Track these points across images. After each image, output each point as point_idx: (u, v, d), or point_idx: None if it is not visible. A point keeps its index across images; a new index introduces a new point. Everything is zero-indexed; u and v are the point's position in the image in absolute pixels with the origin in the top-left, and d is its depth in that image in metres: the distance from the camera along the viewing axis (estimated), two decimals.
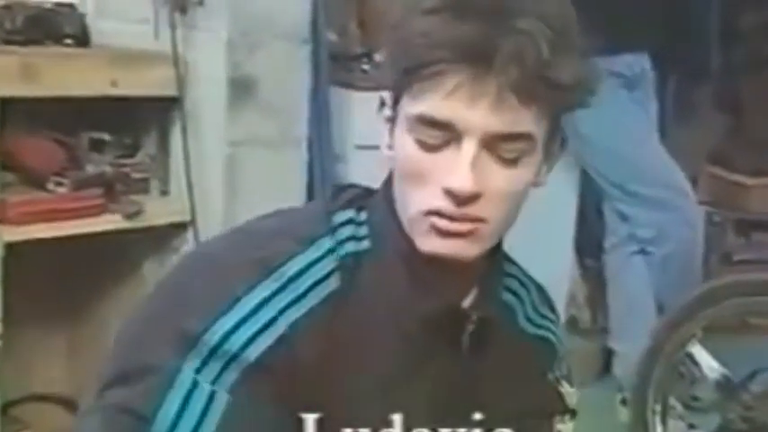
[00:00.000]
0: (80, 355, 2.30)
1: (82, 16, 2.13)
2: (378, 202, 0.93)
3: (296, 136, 2.21)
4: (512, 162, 0.85)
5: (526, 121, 0.84)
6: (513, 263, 1.02)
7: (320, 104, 2.30)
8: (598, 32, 0.90)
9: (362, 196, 0.95)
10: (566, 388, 1.04)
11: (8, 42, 1.94)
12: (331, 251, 0.89)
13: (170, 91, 2.06)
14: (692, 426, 2.29)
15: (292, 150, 2.20)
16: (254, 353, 0.84)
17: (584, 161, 2.62)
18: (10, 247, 1.82)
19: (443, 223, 0.85)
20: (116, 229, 2.00)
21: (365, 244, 0.92)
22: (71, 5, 2.13)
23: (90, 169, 2.01)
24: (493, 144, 0.84)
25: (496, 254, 0.96)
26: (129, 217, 2.01)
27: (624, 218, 2.56)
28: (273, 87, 2.13)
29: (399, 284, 0.90)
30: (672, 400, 2.28)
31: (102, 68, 1.98)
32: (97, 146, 2.06)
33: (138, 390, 0.84)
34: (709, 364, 2.19)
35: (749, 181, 3.20)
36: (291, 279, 0.86)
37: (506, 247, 0.98)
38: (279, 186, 2.17)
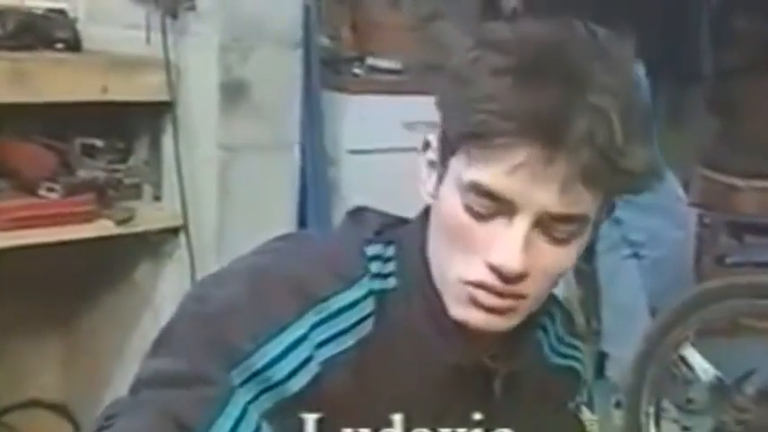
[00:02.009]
0: (73, 361, 2.30)
1: (73, 22, 2.12)
2: (409, 241, 0.89)
3: (288, 140, 2.21)
4: (563, 241, 0.82)
5: (587, 203, 0.80)
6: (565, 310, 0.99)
7: (312, 109, 2.30)
8: None
9: (390, 226, 0.91)
10: (586, 415, 1.01)
11: None
12: (371, 293, 0.86)
13: (162, 96, 2.06)
14: (686, 428, 2.30)
15: (285, 155, 2.20)
16: (295, 386, 0.81)
17: None
18: (1, 253, 1.82)
19: (484, 297, 0.82)
20: (108, 235, 1.99)
21: (391, 282, 0.88)
22: (62, 11, 2.13)
23: (82, 175, 2.00)
24: (546, 222, 0.80)
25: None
26: (121, 222, 2.00)
27: (617, 222, 2.56)
28: (265, 92, 2.13)
29: (425, 332, 0.87)
30: (665, 403, 2.28)
31: (94, 74, 1.98)
32: (89, 151, 2.06)
33: (189, 398, 0.78)
34: (702, 367, 2.19)
35: (741, 183, 3.20)
36: (332, 316, 0.83)
37: None
38: (271, 191, 2.17)
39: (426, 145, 0.87)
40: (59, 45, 2.05)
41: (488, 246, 0.80)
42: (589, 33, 0.82)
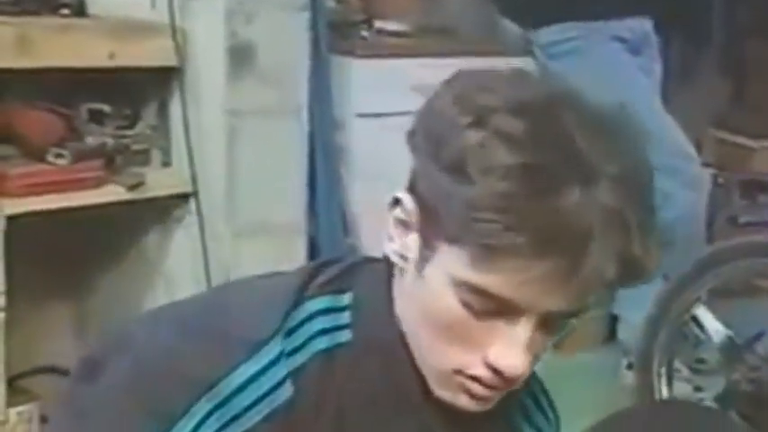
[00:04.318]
0: (85, 326, 2.31)
1: None
2: (370, 294, 0.81)
3: (296, 104, 2.19)
4: (556, 331, 0.77)
5: (588, 302, 0.75)
6: (538, 382, 0.90)
7: (320, 73, 2.28)
8: None
9: (346, 274, 0.82)
10: None
11: (3, 13, 1.92)
12: (281, 355, 0.77)
13: (168, 61, 2.05)
14: (697, 388, 2.29)
15: (293, 119, 2.19)
16: None
17: None
18: (11, 219, 1.82)
19: (479, 389, 0.76)
20: (118, 201, 1.99)
21: (345, 335, 0.80)
22: None
23: (90, 141, 2.00)
24: (548, 319, 0.74)
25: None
26: (130, 188, 2.00)
27: None
28: (272, 56, 2.11)
29: (379, 397, 0.79)
30: (677, 364, 2.28)
31: (100, 39, 1.96)
32: (96, 117, 2.05)
33: None
34: (714, 327, 2.18)
35: (754, 144, 3.18)
36: (230, 396, 0.75)
37: None
38: (280, 155, 2.16)
39: (396, 202, 0.78)
40: (64, 10, 2.03)
41: (488, 343, 0.74)
42: (592, 109, 0.73)
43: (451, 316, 0.74)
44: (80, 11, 2.06)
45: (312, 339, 0.79)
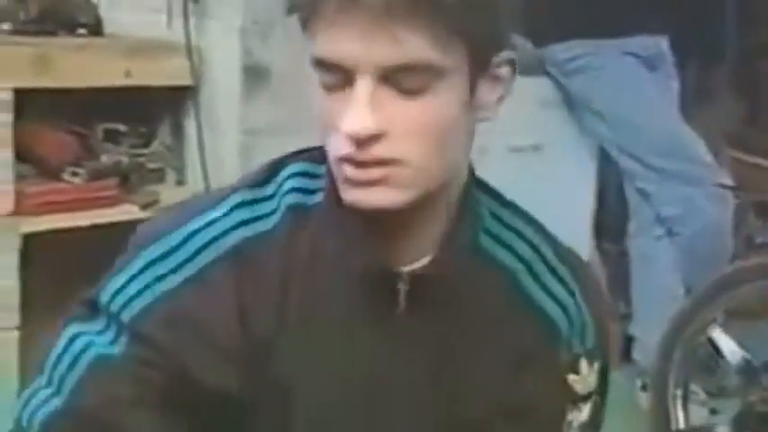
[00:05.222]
0: None
1: (95, 6, 2.13)
2: None
3: (310, 123, 2.19)
4: (415, 92, 0.77)
5: (418, 48, 0.75)
6: (526, 218, 0.93)
7: None
8: (613, 14, 0.87)
9: (322, 150, 0.88)
10: (581, 369, 0.90)
11: (22, 33, 1.94)
12: (237, 206, 0.87)
13: (184, 80, 2.06)
14: (713, 411, 2.27)
15: (308, 138, 2.19)
16: (128, 314, 0.86)
17: (603, 138, 2.56)
18: (27, 237, 1.83)
19: (351, 171, 0.79)
20: (133, 220, 1.99)
21: (317, 197, 0.87)
22: None
23: (105, 159, 2.01)
24: (391, 77, 0.77)
25: (463, 201, 0.87)
26: (145, 207, 2.01)
27: (647, 196, 2.49)
28: (287, 75, 2.12)
29: (334, 240, 0.86)
30: (693, 386, 2.26)
31: (116, 58, 1.98)
32: (112, 136, 2.06)
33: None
34: (730, 348, 2.16)
35: None
36: (179, 245, 0.86)
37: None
38: None
39: None
40: (81, 30, 2.05)
41: (340, 116, 0.78)
42: None
43: (319, 101, 0.81)
44: (97, 30, 2.08)
45: (285, 195, 0.88)
